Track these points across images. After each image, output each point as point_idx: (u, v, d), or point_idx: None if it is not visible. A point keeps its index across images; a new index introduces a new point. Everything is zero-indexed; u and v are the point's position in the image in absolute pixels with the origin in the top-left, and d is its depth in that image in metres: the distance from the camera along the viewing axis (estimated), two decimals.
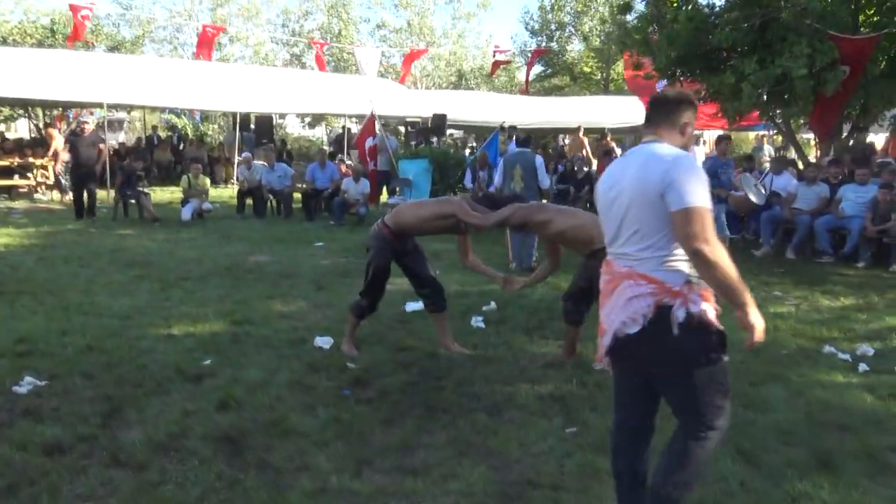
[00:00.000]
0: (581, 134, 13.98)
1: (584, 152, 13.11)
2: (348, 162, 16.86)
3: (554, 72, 28.56)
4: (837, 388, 4.49)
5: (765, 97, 10.12)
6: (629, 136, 23.85)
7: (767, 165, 12.20)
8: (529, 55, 25.91)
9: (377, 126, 12.64)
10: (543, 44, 28.04)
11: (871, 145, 12.45)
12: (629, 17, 12.54)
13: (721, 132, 21.91)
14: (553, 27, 28.60)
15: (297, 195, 13.10)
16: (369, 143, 12.39)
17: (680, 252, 2.39)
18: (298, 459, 3.36)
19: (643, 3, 12.06)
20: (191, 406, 3.95)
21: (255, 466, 3.27)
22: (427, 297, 5.07)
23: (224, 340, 5.18)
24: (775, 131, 22.38)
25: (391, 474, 3.27)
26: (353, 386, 4.37)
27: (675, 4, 11.28)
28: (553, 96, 25.61)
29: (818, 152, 13.03)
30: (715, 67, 10.92)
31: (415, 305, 6.26)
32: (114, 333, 5.23)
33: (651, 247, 2.42)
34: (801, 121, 12.65)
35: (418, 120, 21.19)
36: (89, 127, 11.75)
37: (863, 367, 4.88)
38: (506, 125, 13.39)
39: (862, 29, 10.45)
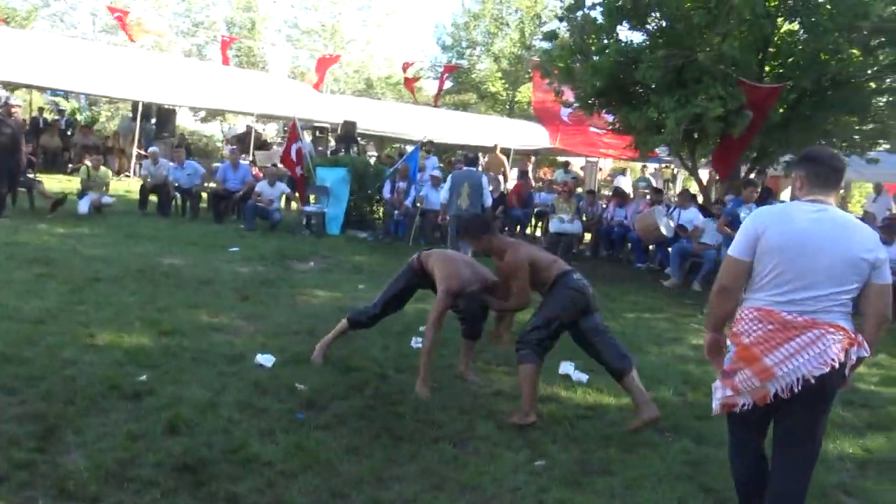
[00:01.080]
0: (498, 153, 14.13)
1: (502, 171, 13.24)
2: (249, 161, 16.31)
3: (461, 88, 28.86)
4: None
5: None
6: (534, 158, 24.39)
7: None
8: (440, 69, 26.11)
9: (299, 130, 12.27)
10: (454, 60, 28.30)
11: (769, 188, 13.29)
12: (552, 45, 12.80)
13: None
14: (464, 44, 28.94)
15: (203, 195, 12.54)
16: (296, 146, 11.97)
17: (850, 305, 2.77)
18: (269, 493, 3.15)
19: (567, 32, 12.36)
20: (136, 428, 3.63)
21: (224, 500, 3.04)
22: (464, 322, 5.07)
23: (156, 353, 4.82)
24: (664, 165, 23.57)
25: None
26: (306, 409, 4.18)
27: (594, 38, 11.68)
28: (460, 112, 25.87)
29: (715, 190, 13.81)
30: (630, 102, 11.36)
31: None
32: (30, 341, 4.75)
33: (840, 303, 2.74)
34: (703, 159, 13.29)
35: (327, 125, 20.85)
36: (17, 112, 10.47)
37: None
38: (425, 139, 13.35)
39: (766, 79, 11.16)
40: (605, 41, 11.42)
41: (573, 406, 4.65)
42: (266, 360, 4.90)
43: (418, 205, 12.01)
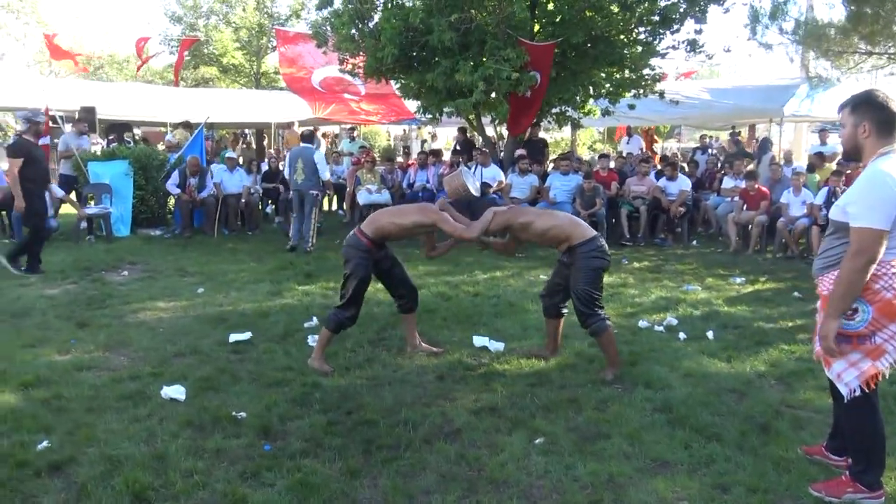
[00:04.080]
0: (297, 128, 13.45)
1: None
2: None
3: (198, 62, 26.82)
4: (689, 357, 5.07)
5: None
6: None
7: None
8: (174, 44, 24.02)
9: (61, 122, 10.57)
10: (186, 32, 26.16)
11: (545, 140, 14.17)
12: (329, 12, 12.29)
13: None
14: (198, 14, 26.84)
15: None
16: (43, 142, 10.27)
17: None
18: None
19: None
20: None
21: None
22: (403, 298, 5.07)
23: (38, 412, 3.92)
24: (418, 126, 24.12)
25: None
26: (267, 439, 3.68)
27: (371, 2, 11.51)
28: (203, 88, 24.10)
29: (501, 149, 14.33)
30: (416, 67, 11.38)
31: (238, 336, 5.45)
32: None
33: None
34: (490, 117, 13.65)
35: (61, 114, 18.26)
36: None
37: (682, 335, 5.59)
38: (208, 120, 12.24)
39: (538, 37, 11.78)
40: (381, 5, 11.32)
41: (520, 377, 4.62)
42: (177, 392, 4.23)
43: (213, 192, 11.06)
